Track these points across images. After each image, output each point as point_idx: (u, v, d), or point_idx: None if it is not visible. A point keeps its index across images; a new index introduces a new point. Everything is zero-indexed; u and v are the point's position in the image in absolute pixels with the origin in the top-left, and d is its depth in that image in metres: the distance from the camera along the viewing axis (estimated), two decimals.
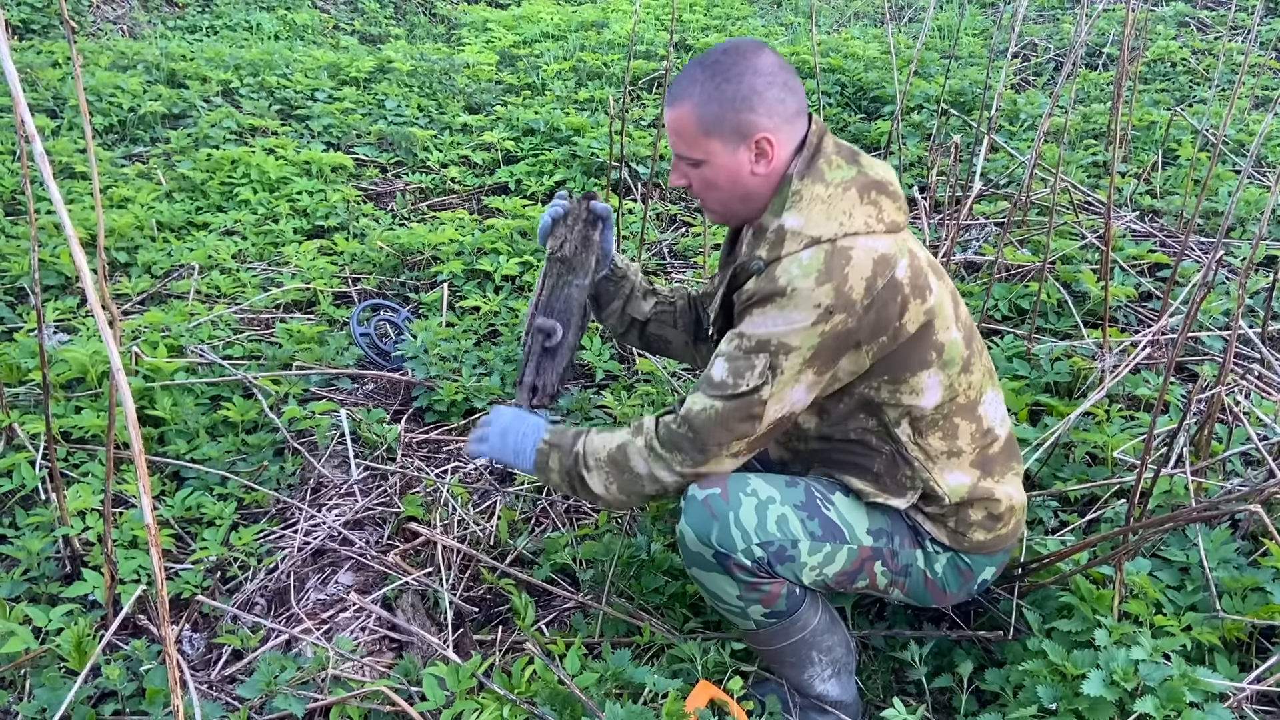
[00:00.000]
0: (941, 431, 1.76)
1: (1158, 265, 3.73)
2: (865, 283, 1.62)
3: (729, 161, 1.71)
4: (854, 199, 1.68)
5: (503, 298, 3.55)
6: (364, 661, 2.05)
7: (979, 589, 1.91)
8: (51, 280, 3.65)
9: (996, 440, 1.83)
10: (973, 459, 1.79)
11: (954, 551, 1.84)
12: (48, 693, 1.92)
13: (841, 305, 1.62)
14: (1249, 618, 1.95)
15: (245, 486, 2.64)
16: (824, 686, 1.94)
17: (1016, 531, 1.89)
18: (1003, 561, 1.91)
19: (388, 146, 5.27)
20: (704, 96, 1.68)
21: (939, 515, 1.81)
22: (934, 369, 1.72)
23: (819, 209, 1.67)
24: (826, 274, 1.62)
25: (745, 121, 1.68)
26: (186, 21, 7.59)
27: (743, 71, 1.67)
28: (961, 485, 1.78)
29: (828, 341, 1.63)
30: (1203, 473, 2.37)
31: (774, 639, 1.86)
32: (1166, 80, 6.00)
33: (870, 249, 1.65)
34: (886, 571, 1.82)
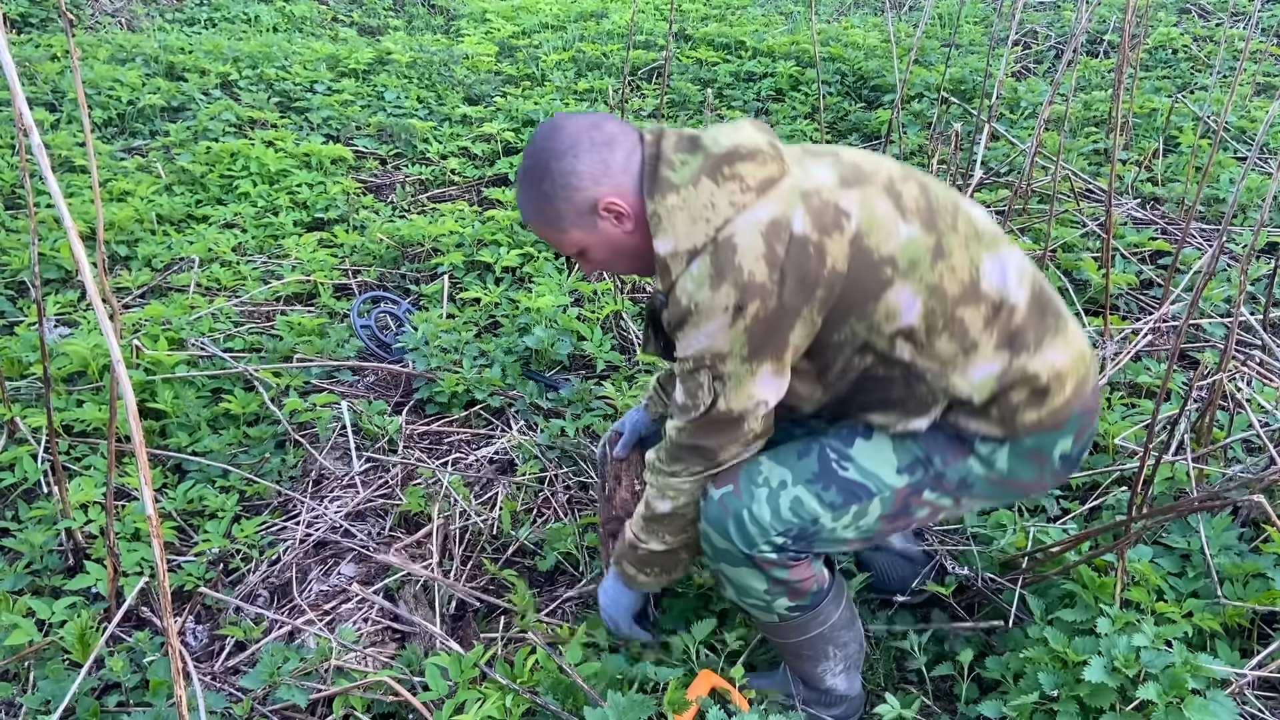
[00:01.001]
0: (948, 332, 1.60)
1: (1159, 252, 3.73)
2: (764, 259, 1.53)
3: (599, 238, 1.67)
4: (709, 187, 1.57)
5: (503, 289, 3.54)
6: (366, 652, 2.05)
7: (1074, 462, 1.73)
8: (52, 274, 3.65)
9: (1016, 309, 1.62)
10: (995, 342, 1.61)
11: (1010, 440, 1.67)
12: (51, 685, 1.93)
13: (751, 294, 1.53)
14: (1250, 604, 1.95)
15: (247, 479, 2.64)
16: (834, 680, 1.93)
17: (1079, 395, 1.67)
18: (1080, 427, 1.70)
19: (387, 138, 5.26)
20: (535, 206, 1.67)
21: (979, 412, 1.65)
22: (897, 283, 1.57)
23: (680, 219, 1.58)
24: (719, 275, 1.54)
25: (580, 201, 1.63)
26: (185, 14, 7.58)
27: (547, 165, 1.63)
28: (988, 378, 1.61)
29: (757, 331, 1.56)
30: (1204, 459, 2.37)
31: (795, 632, 1.83)
32: (1168, 67, 5.98)
33: (752, 224, 1.55)
34: (941, 494, 1.71)
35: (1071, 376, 1.65)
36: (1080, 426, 1.69)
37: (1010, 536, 2.11)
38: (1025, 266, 1.65)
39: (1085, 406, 1.69)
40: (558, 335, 3.19)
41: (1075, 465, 1.75)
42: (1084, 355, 1.68)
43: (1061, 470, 1.72)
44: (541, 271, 3.71)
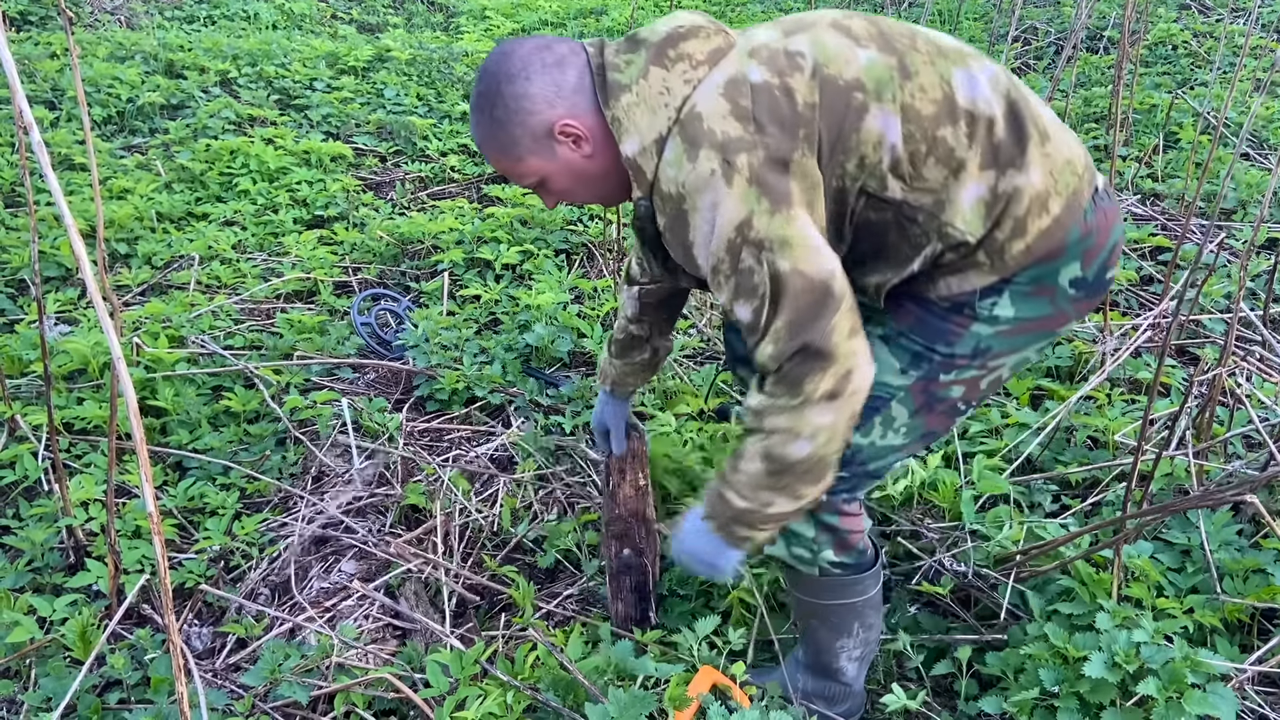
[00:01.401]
0: (933, 157, 1.50)
1: (1159, 248, 3.73)
2: (732, 116, 1.45)
3: (558, 165, 1.60)
4: (659, 75, 1.50)
5: (503, 286, 3.54)
6: (368, 649, 2.05)
7: (1097, 285, 1.61)
8: (52, 272, 3.65)
9: (995, 122, 1.51)
10: (980, 161, 1.51)
11: (1006, 283, 1.57)
12: (53, 682, 1.93)
13: (732, 148, 1.44)
14: (1250, 600, 1.95)
15: (247, 476, 2.64)
16: (847, 664, 1.90)
17: (1070, 213, 1.55)
18: (1086, 250, 1.57)
19: (387, 135, 5.26)
20: (489, 133, 1.59)
21: (969, 258, 1.56)
22: (871, 106, 1.49)
23: (639, 114, 1.51)
24: (693, 145, 1.45)
25: (534, 127, 1.55)
26: (184, 11, 7.57)
27: (500, 90, 1.55)
28: (978, 203, 1.52)
29: (761, 179, 1.44)
30: (1204, 455, 2.37)
31: (832, 593, 1.80)
32: (1168, 63, 5.98)
33: (711, 89, 1.47)
34: (961, 371, 1.63)
35: (1057, 195, 1.54)
36: (1086, 250, 1.57)
37: (1008, 532, 2.11)
38: (1000, 77, 1.55)
39: (1085, 228, 1.56)
40: (558, 332, 3.19)
41: (1102, 287, 1.63)
42: (1073, 165, 1.56)
43: (1083, 296, 1.61)
44: (541, 268, 3.71)
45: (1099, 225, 1.58)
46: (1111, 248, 1.61)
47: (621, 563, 2.13)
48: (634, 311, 2.08)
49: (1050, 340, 1.69)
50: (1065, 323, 1.64)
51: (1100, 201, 1.59)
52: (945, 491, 2.25)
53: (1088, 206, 1.57)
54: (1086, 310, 1.66)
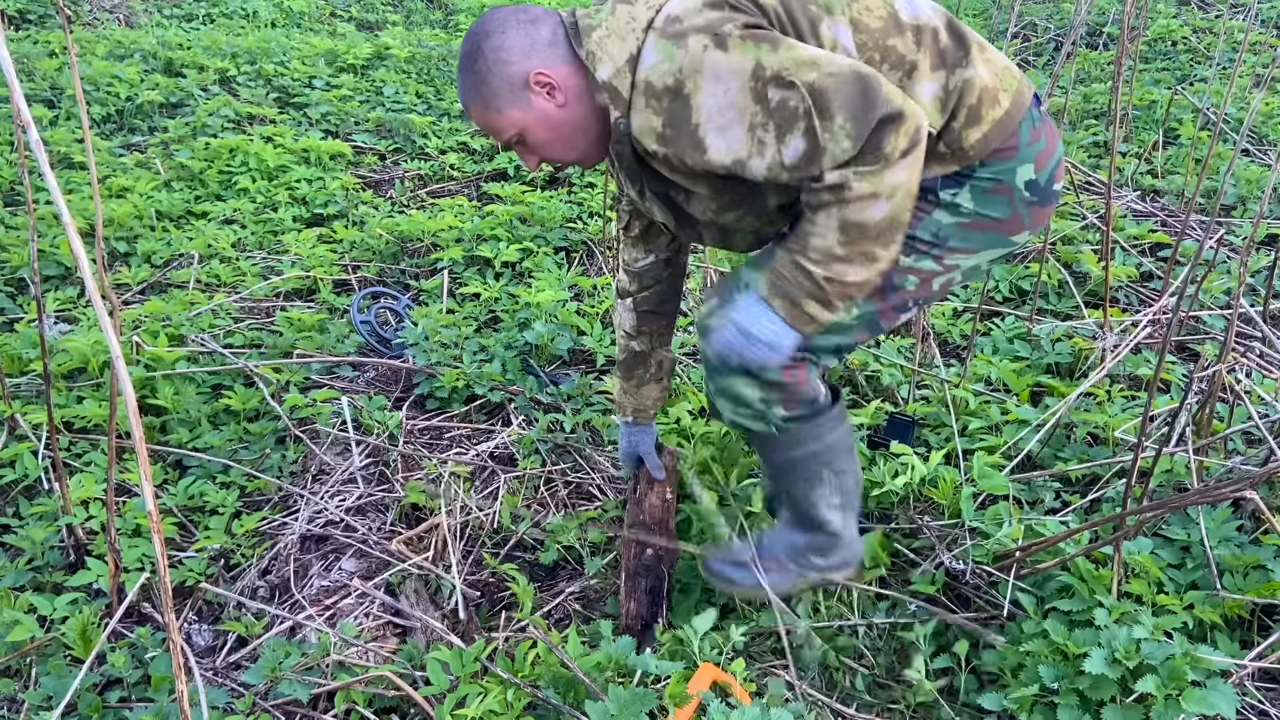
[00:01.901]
0: (886, 64, 1.64)
1: (1159, 245, 3.72)
2: (707, 6, 1.59)
3: (535, 116, 1.71)
4: (625, 10, 1.65)
5: (503, 284, 3.54)
6: (368, 647, 2.05)
7: (1048, 192, 1.74)
8: (51, 271, 3.65)
9: (938, 31, 1.67)
10: (931, 62, 1.65)
11: (967, 176, 1.70)
12: (53, 681, 1.93)
13: (716, 24, 1.56)
14: (1250, 596, 1.95)
15: (247, 474, 2.64)
16: (829, 513, 1.95)
17: (1018, 107, 1.69)
18: (1038, 154, 1.70)
19: (386, 134, 5.26)
20: (471, 88, 1.71)
21: (931, 151, 1.67)
22: (825, 17, 1.63)
23: (610, 42, 1.63)
24: (678, 37, 1.57)
25: (511, 77, 1.68)
26: (183, 10, 7.57)
27: (480, 46, 1.69)
28: (934, 99, 1.64)
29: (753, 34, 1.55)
30: (1204, 451, 2.37)
31: (791, 445, 1.87)
32: (1167, 59, 5.97)
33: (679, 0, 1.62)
34: (918, 257, 1.73)
35: (1004, 91, 1.69)
36: (1038, 153, 1.72)
37: (1007, 529, 2.11)
38: (937, 4, 1.73)
39: (1034, 133, 1.71)
40: (558, 330, 3.19)
41: (1052, 197, 1.76)
42: (1010, 70, 1.72)
43: (1036, 201, 1.74)
44: (541, 266, 3.71)
45: (1047, 134, 1.74)
46: (1058, 160, 1.76)
47: (640, 564, 2.19)
48: (632, 324, 2.17)
49: (1005, 250, 1.79)
50: (1020, 228, 1.76)
51: (1046, 115, 1.76)
52: (945, 489, 2.25)
53: (1034, 111, 1.73)
54: (1040, 219, 1.78)
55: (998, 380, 2.86)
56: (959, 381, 2.79)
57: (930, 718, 1.96)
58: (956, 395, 2.70)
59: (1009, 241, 1.77)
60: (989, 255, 1.78)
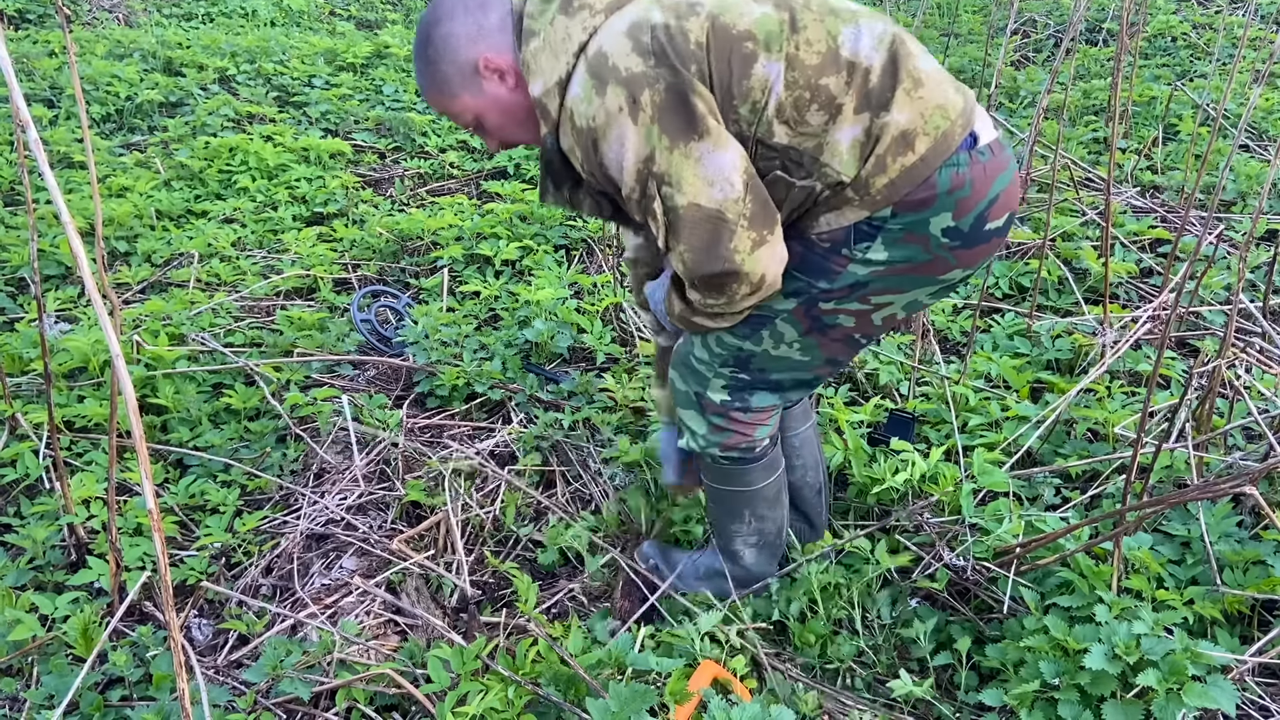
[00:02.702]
0: (815, 103, 1.62)
1: (1159, 241, 3.72)
2: (635, 53, 1.58)
3: (488, 101, 1.73)
4: (563, 23, 1.64)
5: (503, 282, 3.54)
6: (369, 645, 2.06)
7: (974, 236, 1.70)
8: (52, 270, 3.65)
9: (871, 70, 1.63)
10: (855, 103, 1.62)
11: (878, 228, 1.68)
12: (55, 679, 1.94)
13: (637, 84, 1.57)
14: (1250, 591, 1.96)
15: (248, 473, 2.64)
16: (744, 548, 2.13)
17: (937, 154, 1.63)
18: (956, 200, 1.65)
19: (386, 132, 5.26)
20: (425, 75, 1.75)
21: (842, 198, 1.67)
22: (760, 55, 1.61)
23: (544, 58, 1.65)
24: (600, 82, 1.59)
25: (462, 62, 1.70)
26: (182, 9, 7.56)
27: (430, 34, 1.72)
28: (853, 144, 1.63)
29: (664, 115, 1.58)
30: (1204, 447, 2.37)
31: (721, 478, 2.05)
32: (1167, 55, 5.97)
33: (614, 32, 1.61)
34: (840, 302, 1.77)
35: (924, 135, 1.63)
36: (959, 200, 1.65)
37: (1008, 525, 2.11)
38: (885, 32, 1.66)
39: (957, 180, 1.64)
40: (557, 328, 3.19)
41: (982, 237, 1.71)
42: (944, 110, 1.64)
43: (960, 245, 1.70)
44: (541, 264, 3.71)
45: (974, 177, 1.66)
46: (991, 200, 1.68)
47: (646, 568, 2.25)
48: (651, 321, 2.23)
49: (939, 285, 1.79)
50: (947, 269, 1.74)
51: (980, 156, 1.67)
52: (945, 485, 2.25)
53: (961, 156, 1.65)
54: (972, 259, 1.74)
55: (998, 376, 2.86)
56: (959, 378, 2.79)
57: (931, 714, 1.96)
58: (956, 392, 2.70)
59: (938, 280, 1.77)
60: (921, 292, 1.79)
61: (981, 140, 1.68)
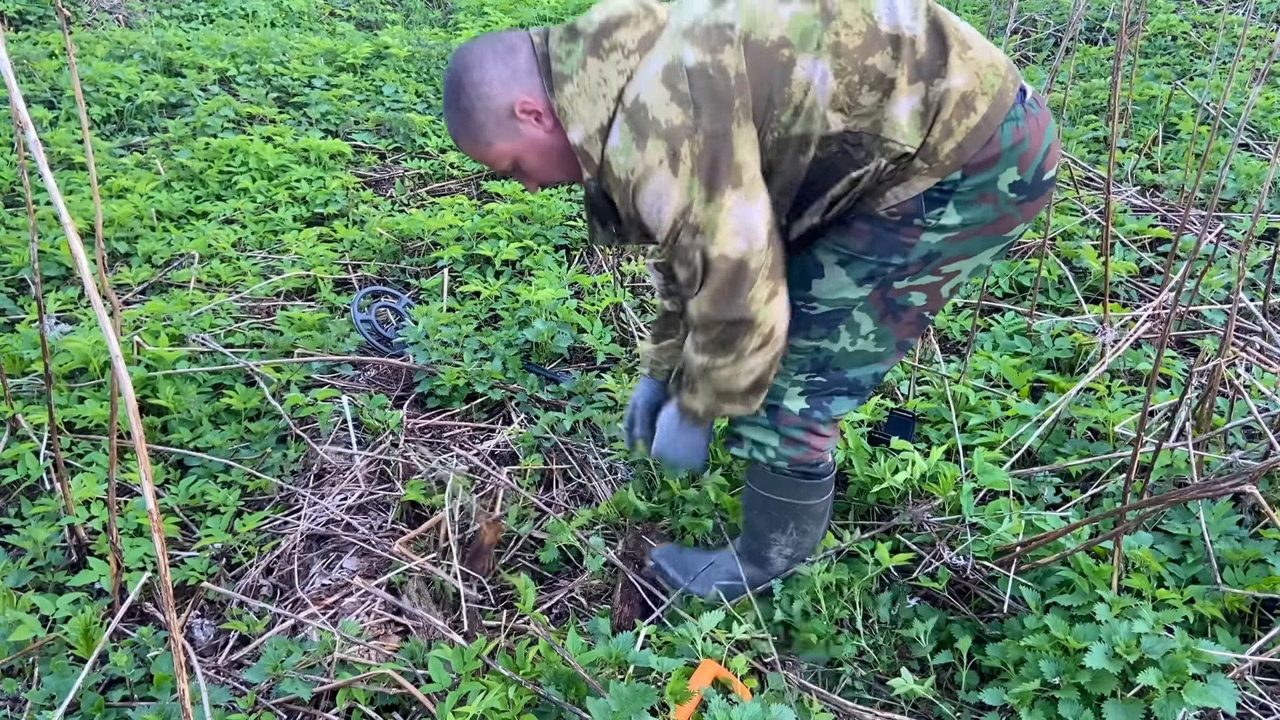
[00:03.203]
0: (865, 84, 1.62)
1: (1159, 240, 3.72)
2: (674, 103, 1.58)
3: (525, 144, 1.72)
4: (596, 66, 1.62)
5: (503, 282, 3.54)
6: (370, 645, 2.06)
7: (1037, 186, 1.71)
8: (52, 271, 3.65)
9: (917, 40, 1.62)
10: (908, 75, 1.61)
11: (949, 192, 1.68)
12: (56, 680, 1.94)
13: (677, 137, 1.57)
14: (1250, 590, 1.96)
15: (249, 474, 2.64)
16: (777, 557, 2.10)
17: (998, 110, 1.64)
18: (1021, 156, 1.67)
19: (386, 133, 5.26)
20: (459, 124, 1.72)
21: (909, 169, 1.67)
22: (798, 58, 1.61)
23: (581, 104, 1.64)
24: (640, 135, 1.59)
25: (497, 108, 1.68)
26: (182, 10, 7.57)
27: (460, 82, 1.69)
28: (913, 115, 1.62)
29: (702, 168, 1.59)
30: (1204, 446, 2.37)
31: (775, 489, 2.00)
32: (1167, 54, 5.97)
33: (649, 78, 1.60)
34: (914, 277, 1.77)
35: (983, 95, 1.64)
36: (1021, 155, 1.67)
37: (1008, 524, 2.11)
38: (919, 1, 1.66)
39: (1018, 134, 1.66)
40: (558, 328, 3.20)
41: (1042, 188, 1.73)
42: (995, 67, 1.66)
43: (1025, 198, 1.71)
44: (541, 264, 3.71)
45: (1031, 130, 1.68)
46: (1046, 150, 1.71)
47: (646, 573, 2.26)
48: (660, 284, 2.22)
49: (1003, 244, 1.80)
50: (1013, 225, 1.75)
51: (1031, 109, 1.69)
52: (945, 484, 2.25)
53: (1017, 110, 1.67)
54: (1033, 211, 1.76)
55: (998, 376, 2.86)
56: (959, 377, 2.79)
57: (931, 713, 1.96)
58: (957, 391, 2.70)
59: (1004, 238, 1.78)
60: (988, 254, 1.80)
61: (1028, 94, 1.70)
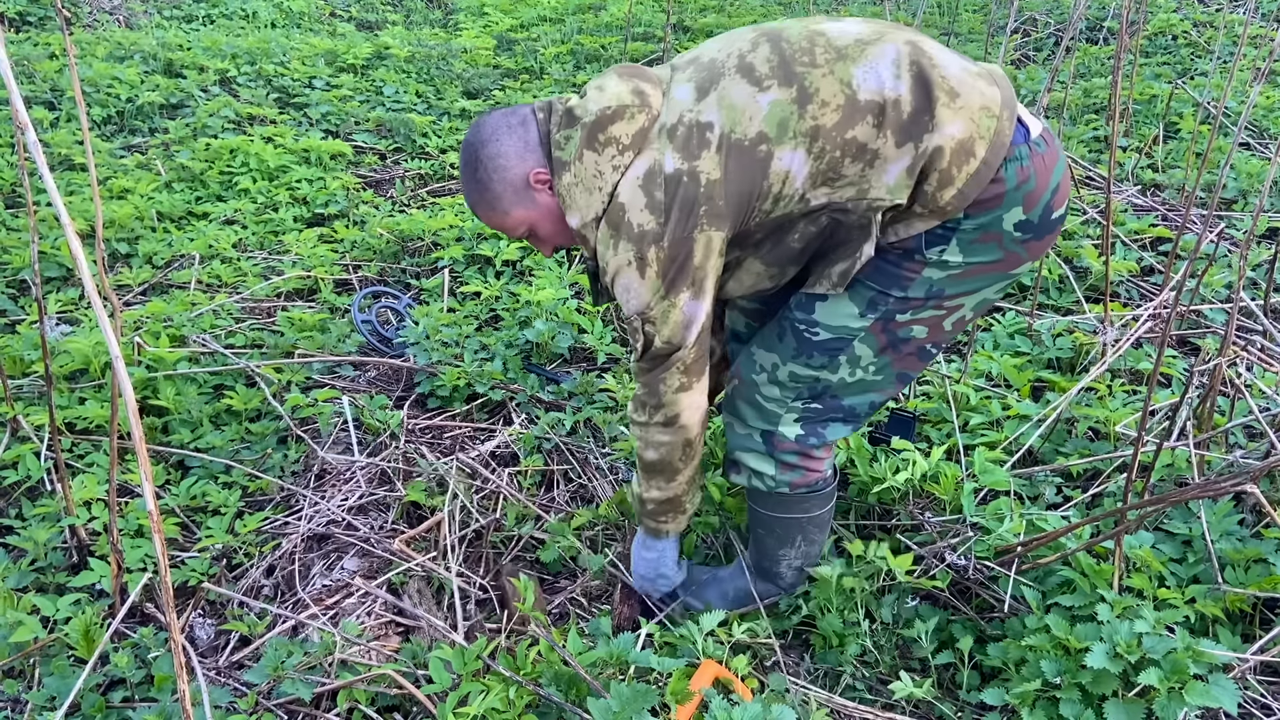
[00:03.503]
0: (848, 158, 1.63)
1: (1159, 239, 3.72)
2: (647, 209, 1.68)
3: (540, 212, 1.81)
4: (592, 159, 1.71)
5: (503, 282, 3.55)
6: (370, 645, 2.06)
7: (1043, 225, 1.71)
8: (53, 272, 3.65)
9: (900, 101, 1.62)
10: (893, 140, 1.62)
11: (952, 230, 1.69)
12: (57, 681, 1.94)
13: (645, 242, 1.68)
14: (1251, 589, 1.95)
15: (249, 474, 2.64)
16: (787, 570, 2.12)
17: (996, 149, 1.63)
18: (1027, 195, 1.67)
19: (386, 133, 5.26)
20: (478, 195, 1.81)
21: (910, 213, 1.68)
22: (775, 150, 1.65)
23: (578, 194, 1.74)
24: (615, 235, 1.71)
25: (513, 179, 1.77)
26: (182, 11, 7.57)
27: (478, 156, 1.78)
28: (902, 174, 1.63)
29: (667, 271, 1.70)
30: (1205, 445, 2.37)
31: (780, 508, 2.02)
32: (1167, 53, 5.96)
33: (632, 182, 1.69)
34: (917, 311, 1.78)
35: (981, 139, 1.62)
36: (1027, 194, 1.67)
37: (1009, 524, 2.11)
38: (900, 54, 1.64)
39: (1023, 174, 1.65)
40: (558, 328, 3.19)
41: (1050, 227, 1.72)
42: (988, 109, 1.64)
43: (1031, 237, 1.71)
44: (541, 265, 3.71)
45: (1037, 169, 1.67)
46: (1054, 189, 1.70)
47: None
48: None
49: (1008, 280, 1.80)
50: (1018, 263, 1.76)
51: (1037, 147, 1.68)
52: (946, 484, 2.25)
53: (1022, 150, 1.66)
54: (1040, 250, 1.77)
55: (998, 376, 2.86)
56: (960, 377, 2.79)
57: (932, 713, 1.96)
58: (957, 391, 2.70)
59: (1009, 275, 1.78)
60: (992, 290, 1.80)
61: (1034, 132, 1.69)
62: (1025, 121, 1.69)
